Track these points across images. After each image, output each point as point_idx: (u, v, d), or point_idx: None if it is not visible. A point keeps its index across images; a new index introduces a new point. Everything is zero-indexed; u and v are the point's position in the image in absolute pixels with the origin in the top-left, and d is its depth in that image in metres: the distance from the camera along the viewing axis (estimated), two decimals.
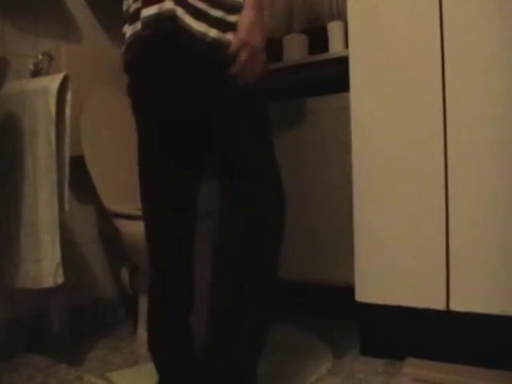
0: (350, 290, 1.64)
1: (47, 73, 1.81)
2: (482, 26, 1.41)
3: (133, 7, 1.24)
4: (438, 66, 1.47)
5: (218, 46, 1.16)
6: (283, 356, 1.61)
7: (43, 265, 1.51)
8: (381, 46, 1.56)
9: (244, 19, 1.17)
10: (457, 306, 1.45)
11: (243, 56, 1.17)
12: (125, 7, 1.29)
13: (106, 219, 1.88)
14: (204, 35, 1.15)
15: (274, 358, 1.59)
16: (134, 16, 1.23)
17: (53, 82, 1.52)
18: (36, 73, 1.80)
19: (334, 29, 2.02)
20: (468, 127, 1.43)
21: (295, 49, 2.08)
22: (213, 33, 1.16)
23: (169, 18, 1.16)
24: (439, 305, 1.48)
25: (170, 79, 1.22)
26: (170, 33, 1.17)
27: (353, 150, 1.62)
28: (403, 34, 1.52)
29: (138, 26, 1.21)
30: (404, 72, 1.53)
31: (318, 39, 2.08)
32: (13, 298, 1.71)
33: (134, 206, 1.83)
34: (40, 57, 1.82)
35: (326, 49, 2.03)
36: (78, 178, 1.79)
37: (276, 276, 1.28)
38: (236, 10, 1.18)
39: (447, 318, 1.47)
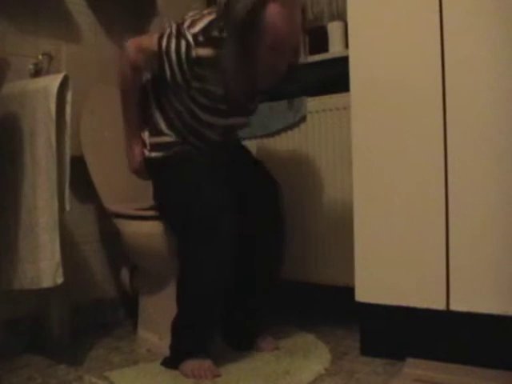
0: (350, 289, 1.64)
1: (47, 73, 1.81)
2: (482, 26, 1.41)
3: None
4: (438, 65, 1.46)
5: None
6: (283, 355, 1.61)
7: (42, 265, 1.51)
8: (381, 45, 1.56)
9: None
10: (457, 306, 1.45)
11: None
12: None
13: (106, 219, 1.88)
14: None
15: (274, 358, 1.60)
16: None
17: (53, 82, 1.52)
18: (36, 73, 1.80)
19: (334, 29, 2.02)
20: (468, 127, 1.43)
21: None
22: None
23: None
24: (439, 305, 1.48)
25: None
26: None
27: (353, 151, 1.61)
28: (403, 34, 1.52)
29: None
30: (404, 72, 1.52)
31: (318, 39, 2.08)
32: (13, 298, 1.71)
33: (134, 206, 1.83)
34: (40, 57, 1.82)
35: (326, 49, 2.03)
36: (78, 178, 1.79)
37: None
38: None
39: (447, 317, 1.47)
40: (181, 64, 1.50)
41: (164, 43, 1.51)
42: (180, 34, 1.49)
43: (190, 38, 1.47)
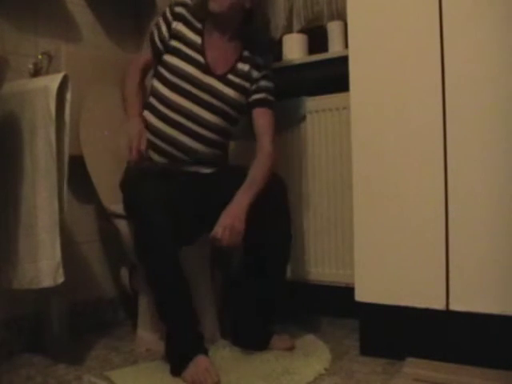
0: (350, 289, 1.64)
1: (47, 72, 1.81)
2: (483, 25, 1.41)
3: None
4: (438, 65, 1.47)
5: None
6: (282, 355, 1.61)
7: (42, 265, 1.51)
8: (381, 45, 1.56)
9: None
10: (457, 305, 1.45)
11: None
12: None
13: (106, 219, 1.88)
14: None
15: (274, 358, 1.60)
16: None
17: (52, 82, 1.52)
18: (36, 72, 1.80)
19: (333, 29, 2.02)
20: (468, 127, 1.43)
21: (295, 49, 2.08)
22: None
23: None
24: (439, 305, 1.48)
25: None
26: None
27: (353, 151, 1.61)
28: (403, 34, 1.52)
29: None
30: (404, 72, 1.53)
31: (317, 39, 2.08)
32: (12, 297, 1.71)
33: None
34: (40, 56, 1.82)
35: (325, 49, 2.03)
36: (77, 178, 1.79)
37: None
38: None
39: (447, 317, 1.47)
40: (165, 17, 1.70)
41: (153, 27, 1.74)
42: (163, 14, 1.72)
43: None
